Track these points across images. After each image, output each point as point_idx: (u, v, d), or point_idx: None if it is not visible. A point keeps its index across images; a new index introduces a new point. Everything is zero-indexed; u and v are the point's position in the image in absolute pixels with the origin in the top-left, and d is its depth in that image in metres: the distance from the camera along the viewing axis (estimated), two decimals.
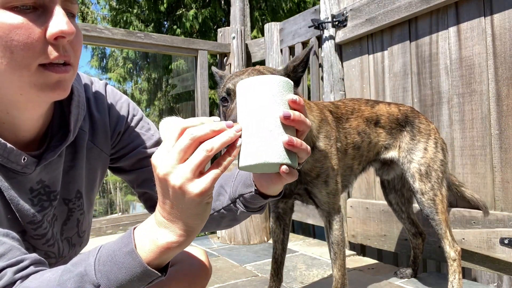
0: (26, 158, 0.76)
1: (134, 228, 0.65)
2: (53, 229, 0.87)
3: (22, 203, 0.78)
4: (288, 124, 0.64)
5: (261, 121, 0.62)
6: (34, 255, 0.69)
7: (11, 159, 0.74)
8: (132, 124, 1.00)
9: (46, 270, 0.66)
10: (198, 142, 0.59)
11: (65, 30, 0.68)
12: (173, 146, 0.59)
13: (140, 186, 1.02)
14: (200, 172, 0.59)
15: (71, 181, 0.89)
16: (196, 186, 0.58)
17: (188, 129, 0.59)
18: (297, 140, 0.63)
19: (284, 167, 0.63)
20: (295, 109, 0.65)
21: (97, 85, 0.97)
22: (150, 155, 0.99)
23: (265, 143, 0.61)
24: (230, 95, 1.25)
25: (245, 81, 0.65)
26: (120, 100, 1.00)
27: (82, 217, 0.95)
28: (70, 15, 0.73)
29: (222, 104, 1.27)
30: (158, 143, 1.02)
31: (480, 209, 2.01)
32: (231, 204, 0.90)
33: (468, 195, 2.01)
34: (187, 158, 0.58)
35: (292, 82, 0.67)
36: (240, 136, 0.62)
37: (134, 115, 1.01)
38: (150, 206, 1.04)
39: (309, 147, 0.65)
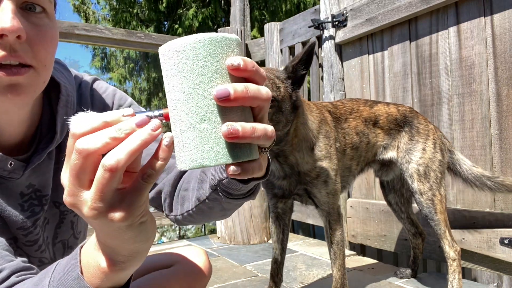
0: (13, 163, 0.73)
1: (82, 247, 0.55)
2: (44, 233, 0.85)
3: (10, 209, 0.75)
4: (230, 106, 0.44)
5: (188, 107, 0.44)
6: (16, 263, 0.64)
7: None
8: None
9: (23, 281, 0.62)
10: (96, 156, 0.43)
11: (5, 28, 0.59)
12: (69, 167, 0.45)
13: None
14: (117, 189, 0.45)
15: (59, 183, 0.86)
16: (117, 214, 0.44)
17: (76, 143, 0.43)
18: (244, 127, 0.43)
19: (231, 168, 0.46)
20: (242, 78, 0.46)
21: (84, 81, 0.93)
22: None
23: (197, 140, 0.44)
24: None
25: (162, 47, 0.45)
26: (105, 93, 0.94)
27: (76, 219, 0.92)
28: (40, 9, 0.67)
29: None
30: None
31: None
32: (213, 193, 0.77)
33: (509, 183, 1.82)
34: (92, 178, 0.44)
35: (234, 39, 0.46)
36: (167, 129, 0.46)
37: (120, 106, 0.95)
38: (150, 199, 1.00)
39: (269, 129, 0.47)
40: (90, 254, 0.53)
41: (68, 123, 0.47)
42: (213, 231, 3.56)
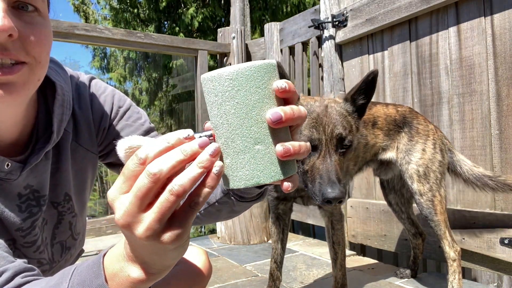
0: (9, 164, 0.73)
1: (104, 255, 0.57)
2: (43, 234, 0.85)
3: (8, 210, 0.75)
4: (280, 127, 0.48)
5: (242, 131, 0.47)
6: (18, 264, 0.64)
7: None
8: (118, 117, 0.94)
9: (30, 283, 0.62)
10: (163, 180, 0.46)
11: None
12: (132, 188, 0.46)
13: None
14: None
15: (57, 183, 0.86)
16: (166, 236, 0.47)
17: (148, 167, 0.45)
18: (293, 146, 0.49)
19: (286, 184, 0.50)
20: (284, 99, 0.50)
21: (81, 80, 0.92)
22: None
23: (252, 161, 0.47)
24: (317, 147, 1.21)
25: (211, 75, 0.48)
26: (104, 93, 0.94)
27: (75, 220, 0.92)
28: (32, 9, 0.67)
29: None
30: (148, 132, 0.97)
31: None
32: (225, 197, 0.80)
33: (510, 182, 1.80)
34: (152, 202, 0.47)
35: (275, 64, 0.50)
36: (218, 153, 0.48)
37: (119, 107, 0.95)
38: None
39: (308, 144, 0.52)
40: (118, 264, 0.54)
41: (115, 146, 0.52)
42: (213, 231, 3.56)
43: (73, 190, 0.90)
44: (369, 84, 1.31)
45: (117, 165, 0.98)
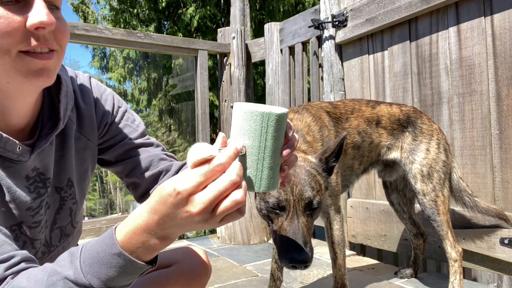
0: (21, 147, 0.80)
1: (116, 228, 0.66)
2: (45, 216, 0.90)
3: (19, 191, 0.82)
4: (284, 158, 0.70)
5: (274, 155, 0.66)
6: (25, 252, 0.71)
7: (7, 149, 0.77)
8: (118, 116, 1.04)
9: (35, 267, 0.67)
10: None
11: (44, 21, 0.71)
12: (215, 186, 0.60)
13: (128, 176, 1.05)
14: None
15: (62, 169, 0.93)
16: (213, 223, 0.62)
17: (229, 175, 0.60)
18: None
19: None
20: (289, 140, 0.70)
21: (82, 78, 1.00)
22: (136, 146, 1.04)
23: (274, 175, 0.68)
24: (285, 208, 1.22)
25: (263, 109, 0.64)
26: (105, 92, 1.03)
27: (75, 207, 0.97)
28: (54, 7, 0.77)
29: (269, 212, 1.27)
30: (143, 134, 1.07)
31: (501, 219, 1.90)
32: None
33: (483, 206, 1.89)
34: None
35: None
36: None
37: (119, 107, 1.05)
38: (140, 195, 1.07)
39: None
40: (138, 238, 0.63)
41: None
42: (213, 231, 3.56)
43: (75, 177, 0.96)
44: (340, 147, 1.31)
45: (110, 163, 1.06)
